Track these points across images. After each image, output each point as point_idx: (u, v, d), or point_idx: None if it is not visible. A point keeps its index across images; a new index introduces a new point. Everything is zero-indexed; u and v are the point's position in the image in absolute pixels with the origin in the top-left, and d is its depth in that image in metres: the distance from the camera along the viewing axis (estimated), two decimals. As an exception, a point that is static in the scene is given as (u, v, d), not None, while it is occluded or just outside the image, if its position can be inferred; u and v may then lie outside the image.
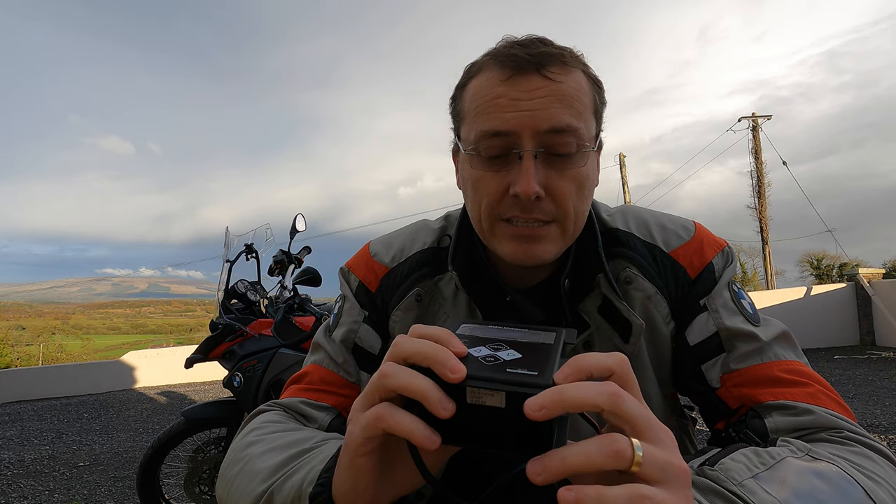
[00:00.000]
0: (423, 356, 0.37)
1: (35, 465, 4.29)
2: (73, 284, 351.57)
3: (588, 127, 0.63)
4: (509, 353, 0.39)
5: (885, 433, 3.80)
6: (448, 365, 0.35)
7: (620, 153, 18.26)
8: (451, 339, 0.38)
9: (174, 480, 2.62)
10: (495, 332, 0.43)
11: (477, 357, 0.38)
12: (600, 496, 0.31)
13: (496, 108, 0.62)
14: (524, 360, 0.38)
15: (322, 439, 0.57)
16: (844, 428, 0.56)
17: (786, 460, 0.48)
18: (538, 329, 0.44)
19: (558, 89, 0.61)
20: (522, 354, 0.39)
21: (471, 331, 0.43)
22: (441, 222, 0.82)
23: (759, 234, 17.76)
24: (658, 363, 0.70)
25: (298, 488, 0.48)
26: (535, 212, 0.62)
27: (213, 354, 2.55)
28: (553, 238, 0.64)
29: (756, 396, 0.61)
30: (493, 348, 0.40)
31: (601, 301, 0.69)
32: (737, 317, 0.66)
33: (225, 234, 2.93)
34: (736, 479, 0.45)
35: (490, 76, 0.64)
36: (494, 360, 0.38)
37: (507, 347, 0.40)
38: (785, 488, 0.44)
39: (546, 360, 0.38)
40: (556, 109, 0.60)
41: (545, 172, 0.61)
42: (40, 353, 34.09)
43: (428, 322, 0.75)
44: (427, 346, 0.37)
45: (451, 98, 0.73)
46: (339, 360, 0.75)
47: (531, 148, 0.60)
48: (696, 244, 0.71)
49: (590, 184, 0.65)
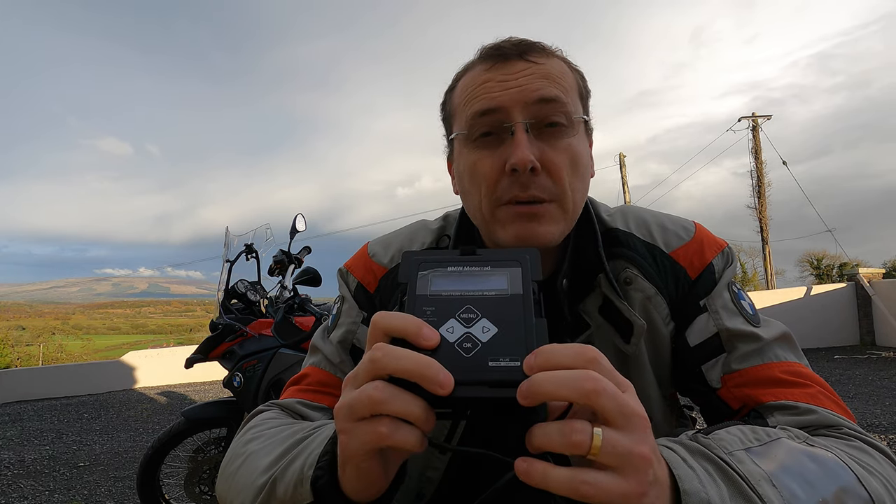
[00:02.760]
0: (408, 373, 0.35)
1: (35, 465, 4.29)
2: (73, 284, 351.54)
3: (574, 105, 0.66)
4: (483, 328, 0.37)
5: (885, 433, 3.80)
6: (437, 380, 0.34)
7: (620, 153, 18.27)
8: (422, 330, 0.37)
9: (174, 480, 2.61)
10: (458, 283, 0.40)
11: (452, 344, 0.37)
12: (545, 474, 0.34)
13: (483, 91, 0.65)
14: (501, 339, 0.37)
15: (318, 425, 0.57)
16: (845, 426, 0.56)
17: (781, 440, 0.48)
18: (501, 264, 0.41)
19: (542, 69, 0.64)
20: (498, 327, 0.37)
21: (434, 285, 0.40)
22: (440, 222, 0.82)
23: (759, 234, 17.76)
24: (657, 363, 0.70)
25: (300, 473, 0.48)
26: (533, 188, 0.63)
27: (213, 354, 2.55)
28: (553, 217, 0.64)
29: (758, 397, 0.61)
30: (464, 321, 0.38)
31: (602, 301, 0.69)
32: (737, 318, 0.66)
33: (225, 234, 2.93)
34: (727, 448, 0.45)
35: (476, 70, 0.67)
36: (472, 346, 0.36)
37: (478, 316, 0.38)
38: (773, 462, 0.44)
39: (523, 333, 0.37)
40: (541, 82, 0.63)
41: (538, 145, 0.63)
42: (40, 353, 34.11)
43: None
44: (409, 361, 0.35)
45: (441, 105, 0.75)
46: (335, 361, 0.75)
47: (522, 120, 0.62)
48: (697, 245, 0.71)
49: (583, 162, 0.66)
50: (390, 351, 0.36)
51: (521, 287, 0.39)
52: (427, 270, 0.41)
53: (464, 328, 0.37)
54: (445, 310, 0.38)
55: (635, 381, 0.69)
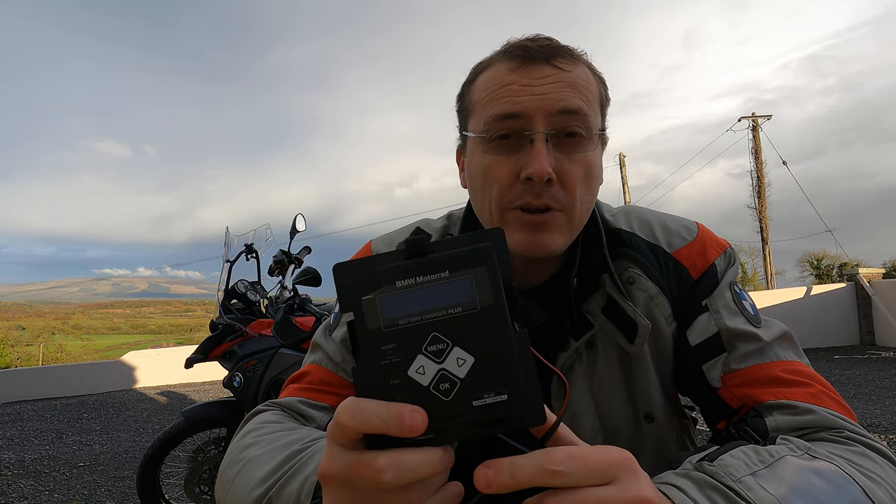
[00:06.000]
0: (373, 428, 0.31)
1: (35, 465, 4.29)
2: (73, 284, 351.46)
3: (595, 116, 0.65)
4: (458, 360, 0.32)
5: (885, 433, 3.79)
6: (406, 425, 0.30)
7: (620, 153, 18.28)
8: (403, 421, 0.30)
9: (174, 480, 2.61)
10: (415, 302, 0.33)
11: (428, 388, 0.32)
12: (512, 464, 0.31)
13: (508, 94, 0.63)
14: (481, 369, 0.32)
15: (315, 437, 0.57)
16: (845, 428, 0.56)
17: (785, 458, 0.47)
18: (461, 264, 0.33)
19: (568, 77, 0.63)
20: (474, 355, 0.32)
21: (387, 312, 0.32)
22: (443, 221, 0.82)
23: (759, 235, 17.76)
24: (660, 363, 0.70)
25: (296, 499, 0.48)
26: (546, 197, 0.62)
27: (213, 354, 2.55)
28: (560, 227, 0.64)
29: (757, 396, 0.61)
30: (434, 354, 0.32)
31: (605, 301, 0.69)
32: (738, 317, 0.66)
33: (225, 234, 2.92)
34: (734, 475, 0.44)
35: (500, 68, 0.65)
36: (450, 387, 0.32)
37: (448, 345, 0.32)
38: (782, 485, 0.44)
39: (504, 357, 0.32)
40: (567, 92, 0.62)
41: (556, 156, 0.62)
42: (40, 353, 34.09)
43: None
44: (372, 415, 0.31)
45: (458, 95, 0.73)
46: (337, 360, 0.74)
47: (543, 130, 0.61)
48: (699, 245, 0.71)
49: (596, 174, 0.66)
50: (354, 413, 0.31)
51: (492, 294, 0.32)
52: (372, 293, 0.33)
53: (436, 365, 0.32)
54: (408, 344, 0.32)
55: (639, 381, 0.69)
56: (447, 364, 0.32)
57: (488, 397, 0.31)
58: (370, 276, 0.33)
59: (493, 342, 0.32)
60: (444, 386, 0.32)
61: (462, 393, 0.31)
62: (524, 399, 0.32)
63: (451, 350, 0.32)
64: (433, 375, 0.32)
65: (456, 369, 0.32)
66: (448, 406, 0.31)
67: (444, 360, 0.32)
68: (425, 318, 0.32)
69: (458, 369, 0.32)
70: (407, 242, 0.34)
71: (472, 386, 0.31)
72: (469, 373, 0.32)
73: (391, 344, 0.32)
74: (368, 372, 0.33)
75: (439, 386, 0.32)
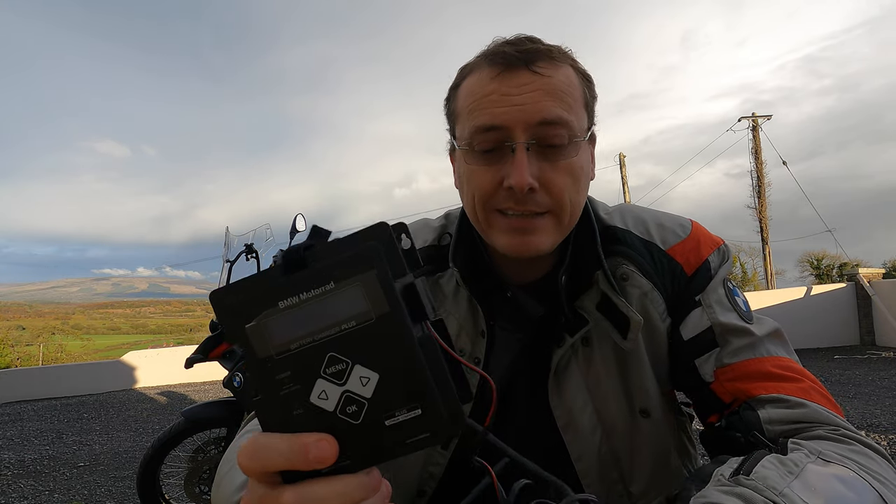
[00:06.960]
0: (276, 465, 0.29)
1: (35, 465, 4.30)
2: (73, 284, 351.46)
3: (579, 119, 0.65)
4: (362, 379, 0.29)
5: (885, 433, 3.80)
6: (312, 456, 0.29)
7: (620, 153, 18.28)
8: (308, 454, 0.29)
9: (174, 480, 2.62)
10: (304, 322, 0.30)
11: (335, 413, 0.29)
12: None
13: (488, 104, 0.63)
14: (388, 386, 0.29)
15: None
16: (840, 425, 0.56)
17: (807, 467, 0.48)
18: (347, 272, 0.29)
19: (548, 83, 0.63)
20: (378, 371, 0.29)
21: (276, 337, 0.30)
22: (441, 220, 0.82)
23: (759, 234, 17.76)
24: (655, 359, 0.71)
25: None
26: (529, 203, 0.63)
27: (213, 354, 2.55)
28: (547, 229, 0.65)
29: (749, 390, 0.62)
30: (334, 376, 0.29)
31: (599, 298, 0.69)
32: (730, 313, 0.67)
33: (225, 234, 2.93)
34: (776, 488, 0.44)
35: (481, 74, 0.66)
36: (358, 409, 0.29)
37: (348, 364, 0.29)
38: (817, 496, 0.44)
39: (410, 368, 0.29)
40: (546, 102, 0.62)
41: (538, 164, 0.63)
42: (40, 353, 34.09)
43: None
44: (274, 453, 0.29)
45: (445, 99, 0.74)
46: None
47: (524, 140, 0.62)
48: (693, 242, 0.72)
49: (584, 175, 0.67)
50: (253, 454, 0.30)
51: (386, 301, 0.29)
52: (255, 319, 0.30)
53: (338, 387, 0.29)
54: (305, 370, 0.30)
55: (635, 377, 0.70)
56: (350, 385, 0.29)
57: (400, 414, 0.29)
58: (250, 300, 0.30)
59: (396, 353, 0.29)
60: (352, 409, 0.29)
61: (372, 413, 0.29)
62: (440, 410, 0.29)
63: (353, 369, 0.29)
64: (337, 399, 0.29)
65: (361, 389, 0.29)
66: (359, 429, 0.29)
67: (347, 381, 0.29)
68: (318, 339, 0.29)
69: (363, 389, 0.29)
70: (283, 255, 0.31)
71: (381, 405, 0.29)
72: (376, 391, 0.29)
73: (286, 372, 0.30)
74: (268, 405, 0.30)
75: (346, 409, 0.29)
